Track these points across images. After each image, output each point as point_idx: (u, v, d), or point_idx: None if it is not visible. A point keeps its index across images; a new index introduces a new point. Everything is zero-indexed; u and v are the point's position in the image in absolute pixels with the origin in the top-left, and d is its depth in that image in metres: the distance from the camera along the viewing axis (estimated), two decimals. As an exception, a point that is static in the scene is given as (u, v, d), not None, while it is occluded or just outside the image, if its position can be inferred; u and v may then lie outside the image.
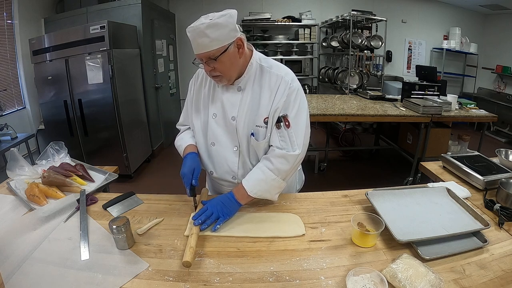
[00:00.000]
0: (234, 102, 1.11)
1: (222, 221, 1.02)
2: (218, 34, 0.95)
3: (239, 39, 1.01)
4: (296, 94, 1.09)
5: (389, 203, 1.12)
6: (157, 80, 4.05)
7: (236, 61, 1.04)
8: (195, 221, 0.99)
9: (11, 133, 2.85)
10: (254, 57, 1.11)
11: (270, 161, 1.08)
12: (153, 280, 0.80)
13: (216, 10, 1.01)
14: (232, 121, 1.12)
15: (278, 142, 1.09)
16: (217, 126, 1.16)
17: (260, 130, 1.10)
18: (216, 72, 1.03)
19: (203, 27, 0.93)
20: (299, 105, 1.09)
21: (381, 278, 0.76)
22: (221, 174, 1.21)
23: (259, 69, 1.11)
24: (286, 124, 1.07)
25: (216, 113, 1.15)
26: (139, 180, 3.44)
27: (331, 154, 4.02)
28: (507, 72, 5.03)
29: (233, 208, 1.07)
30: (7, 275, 0.81)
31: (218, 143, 1.17)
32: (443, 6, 5.42)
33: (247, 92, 1.11)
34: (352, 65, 4.69)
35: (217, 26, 0.94)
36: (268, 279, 0.81)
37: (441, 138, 3.10)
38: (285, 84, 1.07)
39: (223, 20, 0.94)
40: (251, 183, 1.08)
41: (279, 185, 1.11)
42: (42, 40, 3.02)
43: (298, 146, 1.08)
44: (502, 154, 1.51)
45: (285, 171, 1.09)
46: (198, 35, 0.95)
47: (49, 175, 1.24)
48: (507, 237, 0.99)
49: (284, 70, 1.12)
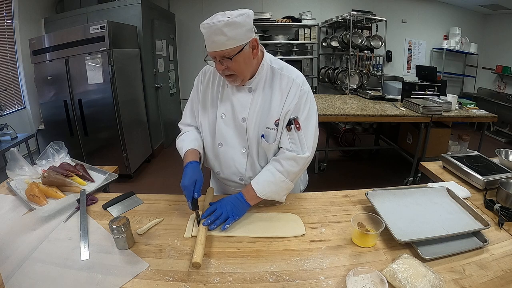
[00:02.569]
0: (244, 103, 1.10)
1: (231, 221, 1.02)
2: (235, 33, 0.93)
3: (255, 40, 1.01)
4: (307, 97, 1.09)
5: (389, 203, 1.12)
6: (157, 80, 4.06)
7: (250, 62, 1.03)
8: (204, 222, 0.98)
9: (11, 133, 2.85)
10: (265, 59, 1.11)
11: (280, 163, 1.08)
12: (153, 280, 0.80)
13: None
14: (242, 122, 1.11)
15: (288, 145, 1.09)
16: (225, 127, 1.14)
17: (271, 132, 1.10)
18: (229, 71, 1.01)
19: (220, 25, 0.91)
20: (309, 108, 1.09)
21: (381, 278, 0.76)
22: (228, 175, 1.21)
23: (270, 71, 1.11)
24: (297, 127, 1.07)
25: (225, 113, 1.14)
26: (139, 180, 3.44)
27: (331, 154, 4.02)
28: (507, 72, 5.03)
29: (242, 208, 1.07)
30: (7, 275, 0.81)
31: (226, 143, 1.16)
32: (443, 6, 5.42)
33: (258, 94, 1.10)
34: (352, 65, 4.69)
35: (235, 24, 0.92)
36: (268, 279, 0.81)
37: (441, 138, 3.10)
38: (297, 86, 1.07)
39: (241, 19, 0.93)
40: (260, 185, 1.08)
41: (287, 186, 1.11)
42: (42, 40, 3.02)
43: (308, 148, 1.09)
44: (502, 154, 1.51)
45: (295, 173, 1.09)
46: (215, 33, 0.92)
47: (49, 175, 1.24)
48: (507, 237, 0.99)
49: (295, 72, 1.11)
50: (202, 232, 0.95)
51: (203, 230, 0.95)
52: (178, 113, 5.13)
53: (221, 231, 1.00)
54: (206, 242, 0.95)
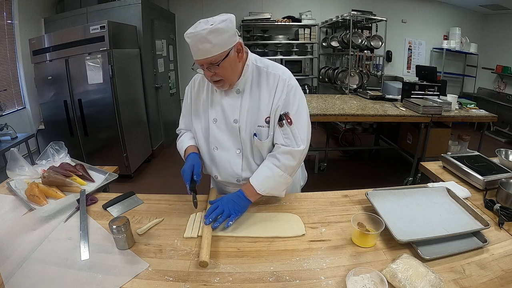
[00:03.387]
0: (234, 105, 1.12)
1: (234, 218, 1.03)
2: (219, 40, 0.94)
3: (239, 44, 1.02)
4: (295, 91, 1.10)
5: (389, 203, 1.12)
6: (157, 80, 4.05)
7: (236, 65, 1.05)
8: (206, 220, 0.99)
9: (11, 133, 2.85)
10: (250, 59, 1.11)
11: (276, 158, 1.09)
12: (153, 280, 0.80)
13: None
14: (235, 124, 1.12)
15: (282, 140, 1.09)
16: (218, 131, 1.16)
17: (263, 130, 1.11)
18: (217, 77, 1.03)
19: (204, 33, 0.92)
20: (299, 102, 1.10)
21: (381, 278, 0.76)
22: (226, 177, 1.21)
23: (256, 70, 1.12)
24: (289, 122, 1.08)
25: (216, 118, 1.15)
26: (139, 180, 3.44)
27: (331, 154, 4.02)
28: (507, 72, 5.03)
29: (244, 205, 1.07)
30: (7, 275, 0.81)
31: (221, 147, 1.17)
32: (443, 6, 5.42)
33: (246, 94, 1.11)
34: (352, 65, 4.69)
35: (218, 31, 0.93)
36: (268, 279, 0.81)
37: (441, 138, 3.10)
38: (283, 82, 1.08)
39: (224, 25, 0.94)
40: (259, 181, 1.09)
41: (286, 181, 1.12)
42: (42, 40, 3.02)
43: (302, 141, 1.10)
44: (502, 154, 1.51)
45: (292, 166, 1.10)
46: (200, 41, 0.94)
47: (49, 175, 1.24)
48: (507, 237, 0.99)
49: (280, 69, 1.13)
50: (208, 230, 0.95)
51: (208, 229, 0.96)
52: (178, 113, 5.09)
53: (225, 228, 1.01)
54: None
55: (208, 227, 0.96)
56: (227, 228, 1.01)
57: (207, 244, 0.89)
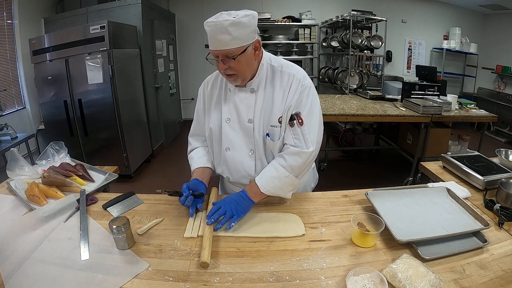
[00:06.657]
0: (248, 104, 1.11)
1: (236, 219, 1.02)
2: (240, 33, 0.94)
3: (258, 41, 1.02)
4: (308, 91, 1.09)
5: (389, 203, 1.12)
6: (157, 80, 4.06)
7: (252, 62, 1.04)
8: (208, 221, 0.98)
9: (11, 133, 2.85)
10: (265, 58, 1.11)
11: (283, 158, 1.08)
12: (153, 280, 0.80)
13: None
14: (249, 124, 1.11)
15: (292, 140, 1.09)
16: (231, 131, 1.15)
17: (275, 130, 1.10)
18: (231, 71, 1.01)
19: (226, 24, 0.91)
20: (311, 103, 1.09)
21: (381, 278, 0.76)
22: (238, 178, 1.20)
23: (270, 69, 1.11)
24: (299, 122, 1.07)
25: (229, 118, 1.14)
26: (139, 180, 3.44)
27: (331, 154, 4.02)
28: (507, 72, 5.03)
29: (246, 205, 1.07)
30: (7, 275, 0.81)
31: (233, 148, 1.16)
32: (443, 6, 5.42)
33: (260, 93, 1.11)
34: (352, 65, 4.69)
35: (240, 24, 0.93)
36: (268, 279, 0.81)
37: (441, 138, 3.10)
38: (297, 82, 1.07)
39: (247, 20, 0.94)
40: (264, 180, 1.08)
41: (292, 182, 1.10)
42: (42, 40, 3.02)
43: (311, 143, 1.08)
44: (502, 154, 1.51)
45: (298, 167, 1.08)
46: (220, 31, 0.92)
47: (49, 175, 1.23)
48: (507, 237, 0.99)
49: (295, 68, 1.12)
50: (209, 231, 0.95)
51: (209, 229, 0.95)
52: (178, 113, 5.13)
53: (227, 229, 1.00)
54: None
55: (209, 228, 0.96)
56: (229, 229, 1.00)
57: (208, 245, 0.89)
